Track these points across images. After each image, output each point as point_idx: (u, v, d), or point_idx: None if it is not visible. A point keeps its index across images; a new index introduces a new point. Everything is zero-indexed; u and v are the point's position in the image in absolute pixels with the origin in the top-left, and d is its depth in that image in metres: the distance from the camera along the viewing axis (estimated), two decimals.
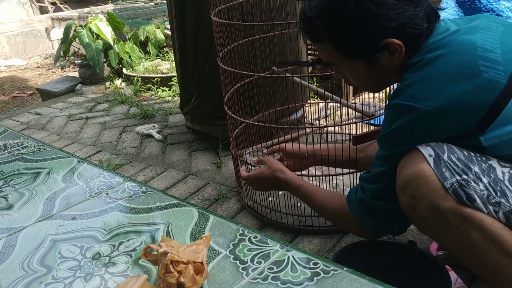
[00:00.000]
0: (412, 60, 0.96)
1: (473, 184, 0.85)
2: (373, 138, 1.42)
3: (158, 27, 4.14)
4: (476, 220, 0.85)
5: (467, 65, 0.88)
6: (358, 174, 1.56)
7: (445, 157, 0.86)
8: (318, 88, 1.62)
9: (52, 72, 5.13)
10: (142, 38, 4.09)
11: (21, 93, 4.33)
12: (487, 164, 0.87)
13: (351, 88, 2.68)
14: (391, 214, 1.03)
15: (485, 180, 0.85)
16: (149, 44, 4.06)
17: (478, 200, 0.84)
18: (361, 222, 1.08)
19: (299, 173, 1.72)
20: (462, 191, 0.84)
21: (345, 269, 0.80)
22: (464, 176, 0.85)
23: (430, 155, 0.87)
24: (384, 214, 1.04)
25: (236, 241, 0.92)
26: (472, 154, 0.88)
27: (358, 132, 1.47)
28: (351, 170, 1.51)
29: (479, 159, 0.88)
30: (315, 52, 2.88)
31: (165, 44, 4.12)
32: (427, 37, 0.96)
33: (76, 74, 4.00)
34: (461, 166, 0.86)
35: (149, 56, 4.05)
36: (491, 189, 0.85)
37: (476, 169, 0.86)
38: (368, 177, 1.05)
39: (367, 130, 1.52)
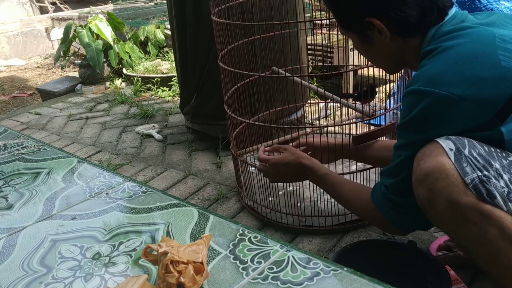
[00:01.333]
0: (428, 48, 0.96)
1: (494, 180, 0.83)
2: (373, 138, 1.41)
3: (158, 27, 4.14)
4: (495, 217, 0.83)
5: (486, 54, 0.88)
6: (359, 174, 1.56)
7: (466, 152, 0.85)
8: (318, 88, 1.62)
9: (52, 72, 5.13)
10: (142, 38, 4.09)
11: (21, 93, 4.33)
12: (507, 161, 0.86)
13: (351, 87, 2.68)
14: (415, 209, 0.99)
15: (505, 177, 0.84)
16: (149, 44, 4.06)
17: (498, 197, 0.83)
18: (386, 217, 1.06)
19: None
20: (483, 187, 0.83)
21: (345, 269, 0.80)
22: (485, 172, 0.83)
23: (451, 149, 0.86)
24: (408, 209, 1.01)
25: (236, 241, 0.92)
26: (493, 149, 0.87)
27: (358, 132, 1.46)
28: (351, 170, 1.51)
29: (500, 155, 0.87)
30: (315, 52, 2.89)
31: (165, 44, 4.12)
32: (421, 26, 0.97)
33: (76, 74, 4.00)
34: (482, 161, 0.84)
35: (149, 56, 4.05)
36: (511, 186, 0.84)
37: (497, 165, 0.84)
38: (386, 170, 1.04)
39: (367, 130, 1.51)
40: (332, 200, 1.65)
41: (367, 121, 1.74)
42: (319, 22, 2.74)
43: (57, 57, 4.23)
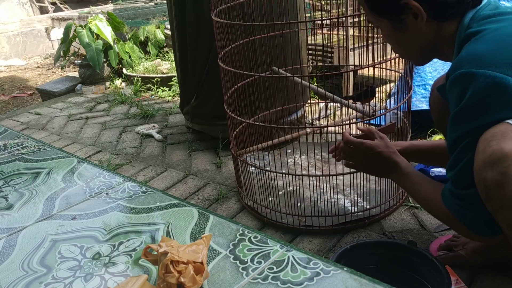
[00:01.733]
0: (470, 30, 0.92)
1: None
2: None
3: (158, 27, 4.14)
4: None
5: None
6: (358, 174, 1.56)
7: None
8: (319, 88, 1.62)
9: (52, 72, 5.13)
10: (142, 38, 4.09)
11: (21, 93, 4.33)
12: None
13: (351, 88, 2.68)
14: (480, 203, 0.89)
15: None
16: (149, 44, 4.06)
17: None
18: (455, 216, 0.97)
19: (299, 172, 1.72)
20: None
21: (345, 269, 0.80)
22: None
23: None
24: (475, 204, 0.90)
25: (236, 241, 0.92)
26: None
27: (357, 133, 1.46)
28: (352, 170, 1.51)
29: None
30: (315, 52, 2.89)
31: (165, 44, 4.12)
32: (459, 8, 0.94)
33: (76, 74, 4.00)
34: None
35: (149, 56, 4.05)
36: None
37: None
38: (448, 164, 0.96)
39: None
40: (332, 200, 1.66)
41: (367, 121, 1.74)
42: (319, 22, 2.74)
43: (57, 57, 4.23)
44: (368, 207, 1.59)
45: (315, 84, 2.58)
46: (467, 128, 0.88)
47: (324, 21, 2.75)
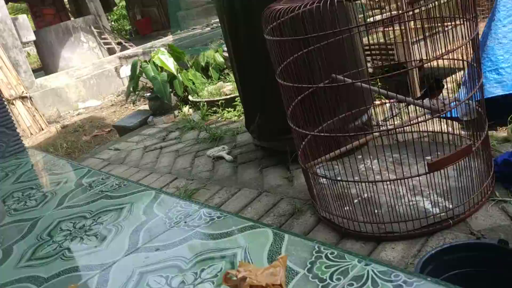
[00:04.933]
0: None
1: None
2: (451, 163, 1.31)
3: (217, 51, 4.26)
4: None
5: None
6: (436, 173, 1.49)
7: None
8: (380, 90, 1.58)
9: (125, 107, 5.45)
10: (203, 63, 4.24)
11: (100, 131, 4.64)
12: None
13: (417, 83, 2.58)
14: None
15: None
16: (210, 68, 4.20)
17: None
18: None
19: (372, 177, 1.67)
20: None
21: (429, 279, 0.76)
22: None
23: None
24: None
25: (313, 259, 0.91)
26: None
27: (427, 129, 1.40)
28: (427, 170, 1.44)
29: None
30: (376, 52, 2.81)
31: (225, 66, 4.23)
32: None
33: (147, 107, 4.22)
34: None
35: (212, 80, 4.18)
36: None
37: None
38: None
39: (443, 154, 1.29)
40: (411, 203, 1.60)
41: (438, 117, 1.66)
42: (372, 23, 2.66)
43: (128, 93, 4.49)
44: (450, 206, 1.51)
45: (378, 84, 2.51)
46: None
47: (377, 17, 2.68)
